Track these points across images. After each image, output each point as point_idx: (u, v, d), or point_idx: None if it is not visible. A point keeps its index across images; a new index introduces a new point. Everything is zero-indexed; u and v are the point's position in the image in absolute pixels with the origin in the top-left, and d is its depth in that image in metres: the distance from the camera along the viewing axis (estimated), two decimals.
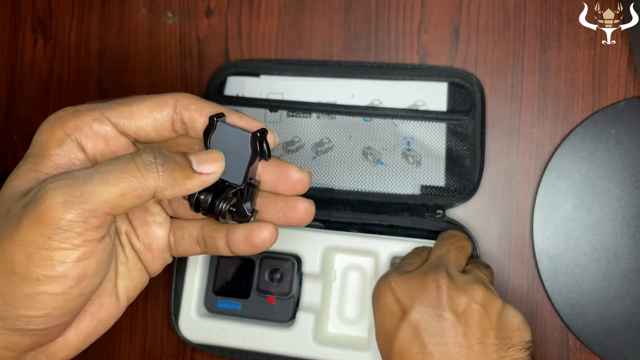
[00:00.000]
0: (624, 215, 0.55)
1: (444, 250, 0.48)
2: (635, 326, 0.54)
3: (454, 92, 0.59)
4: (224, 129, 0.35)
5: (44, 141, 0.34)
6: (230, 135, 0.35)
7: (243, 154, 0.35)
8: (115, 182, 0.30)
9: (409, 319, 0.42)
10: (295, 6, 0.64)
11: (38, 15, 0.69)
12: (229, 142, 0.35)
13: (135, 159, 0.31)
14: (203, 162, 0.33)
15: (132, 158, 0.31)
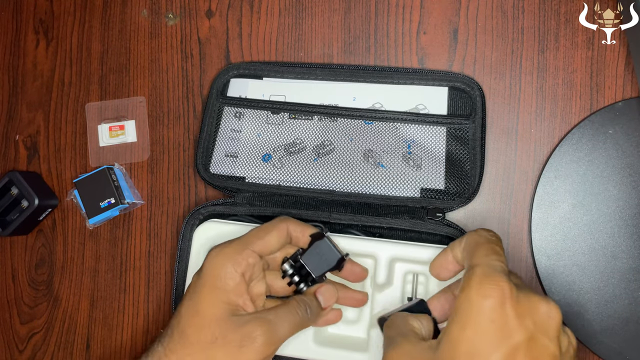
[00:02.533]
0: (622, 214, 0.55)
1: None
2: (633, 325, 0.54)
3: (454, 96, 0.59)
4: (326, 243, 0.52)
5: (221, 275, 0.48)
6: (327, 249, 0.52)
7: (328, 263, 0.52)
8: (289, 326, 0.48)
9: (522, 344, 0.38)
10: (296, 7, 0.64)
11: (40, 16, 0.69)
12: (323, 251, 0.52)
13: (298, 311, 0.49)
14: (327, 301, 0.52)
15: (296, 310, 0.49)
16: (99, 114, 0.67)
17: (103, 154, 0.67)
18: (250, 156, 0.61)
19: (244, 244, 0.50)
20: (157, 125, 0.66)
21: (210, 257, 0.50)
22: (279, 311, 0.49)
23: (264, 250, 0.50)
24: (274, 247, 0.51)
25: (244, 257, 0.49)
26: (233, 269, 0.48)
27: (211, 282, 0.48)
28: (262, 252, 0.50)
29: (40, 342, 0.66)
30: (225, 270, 0.48)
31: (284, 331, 0.48)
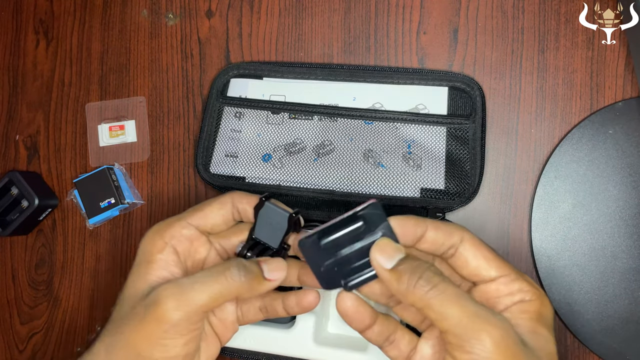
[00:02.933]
0: (622, 215, 0.55)
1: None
2: (633, 325, 0.54)
3: (454, 96, 0.59)
4: (269, 208, 0.46)
5: (149, 250, 0.44)
6: (273, 213, 0.46)
7: (281, 227, 0.45)
8: (210, 290, 0.40)
9: None
10: (296, 7, 0.64)
11: (40, 16, 0.69)
12: (272, 218, 0.46)
13: (225, 272, 0.41)
14: (272, 271, 0.43)
15: (223, 272, 0.41)
16: (99, 114, 0.67)
17: (103, 154, 0.67)
18: (250, 156, 0.61)
19: (179, 217, 0.45)
20: (157, 125, 0.66)
21: (143, 236, 0.46)
22: (198, 274, 0.41)
23: (203, 223, 0.45)
24: (216, 221, 0.46)
25: (176, 229, 0.44)
26: (162, 241, 0.44)
27: (139, 258, 0.44)
28: (200, 224, 0.45)
29: (40, 342, 0.66)
30: (153, 244, 0.44)
31: (200, 295, 0.40)
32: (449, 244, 0.40)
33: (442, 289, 0.36)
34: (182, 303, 0.39)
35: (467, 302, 0.35)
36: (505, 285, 0.39)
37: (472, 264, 0.39)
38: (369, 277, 0.40)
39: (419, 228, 0.40)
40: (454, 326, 0.35)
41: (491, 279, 0.39)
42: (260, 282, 0.42)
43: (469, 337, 0.34)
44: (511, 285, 0.39)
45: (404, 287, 0.37)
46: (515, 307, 0.38)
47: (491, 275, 0.39)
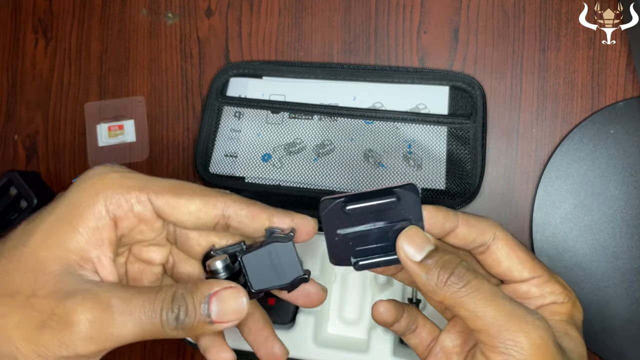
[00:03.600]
0: (623, 215, 0.55)
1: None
2: (634, 325, 0.54)
3: (455, 96, 0.59)
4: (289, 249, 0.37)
5: (81, 212, 0.33)
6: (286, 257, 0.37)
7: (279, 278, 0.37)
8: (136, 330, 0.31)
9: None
10: (295, 7, 0.64)
11: (39, 15, 0.69)
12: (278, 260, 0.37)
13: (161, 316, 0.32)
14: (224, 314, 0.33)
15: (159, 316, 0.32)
16: (98, 113, 0.67)
17: (102, 154, 0.66)
18: (250, 156, 0.61)
19: (144, 182, 0.35)
20: (157, 125, 0.66)
21: (83, 177, 0.35)
22: (133, 298, 0.32)
23: (168, 213, 0.35)
24: (184, 218, 0.35)
25: (129, 198, 0.34)
26: (104, 205, 0.33)
27: (65, 209, 0.33)
28: (163, 212, 0.35)
29: None
30: (90, 202, 0.33)
31: (123, 332, 0.31)
32: (480, 242, 0.37)
33: (476, 286, 0.33)
34: (100, 337, 0.31)
35: (503, 301, 0.33)
36: (537, 287, 0.37)
37: (505, 264, 0.37)
38: (384, 262, 0.37)
39: (448, 222, 0.37)
40: (489, 326, 0.33)
41: (523, 280, 0.37)
42: (204, 329, 0.33)
43: (505, 338, 0.32)
44: (543, 287, 0.37)
45: (433, 283, 0.34)
46: (546, 308, 0.37)
47: (523, 277, 0.37)
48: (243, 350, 0.56)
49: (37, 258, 0.32)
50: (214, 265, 0.36)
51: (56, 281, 0.32)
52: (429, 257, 0.35)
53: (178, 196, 0.35)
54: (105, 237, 0.34)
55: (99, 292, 0.32)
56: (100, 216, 0.33)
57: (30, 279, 0.32)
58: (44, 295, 0.31)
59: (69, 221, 0.33)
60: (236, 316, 0.33)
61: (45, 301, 0.31)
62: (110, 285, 0.33)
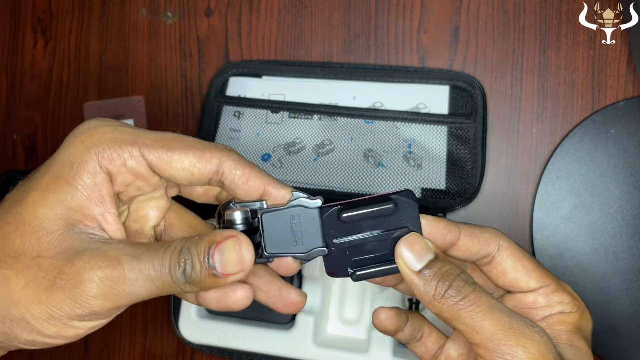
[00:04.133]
0: (624, 215, 0.55)
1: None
2: (635, 326, 0.54)
3: (455, 96, 0.59)
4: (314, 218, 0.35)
5: (76, 169, 0.32)
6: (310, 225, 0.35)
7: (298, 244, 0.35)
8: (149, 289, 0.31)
9: None
10: (295, 6, 0.64)
11: (38, 15, 0.69)
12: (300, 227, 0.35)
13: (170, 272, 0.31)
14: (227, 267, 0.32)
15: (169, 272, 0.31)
16: (98, 113, 0.67)
17: None
18: (249, 156, 0.61)
19: (135, 136, 0.33)
20: (156, 125, 0.66)
21: (74, 132, 0.33)
22: (142, 255, 0.31)
23: (162, 168, 0.33)
24: (178, 174, 0.34)
25: (121, 153, 0.32)
26: (97, 160, 0.32)
27: (59, 167, 0.32)
28: (157, 167, 0.33)
29: None
30: (83, 158, 0.32)
31: (136, 288, 0.30)
32: (484, 253, 0.36)
33: (474, 299, 0.32)
34: (112, 294, 0.30)
35: (501, 314, 0.32)
36: (544, 297, 0.36)
37: (511, 275, 0.36)
38: (383, 271, 0.36)
39: (450, 234, 0.35)
40: (487, 341, 0.32)
41: (530, 290, 0.37)
42: (212, 282, 0.32)
43: (503, 353, 0.31)
44: (551, 297, 0.36)
45: (431, 295, 0.33)
46: (554, 318, 0.36)
47: (531, 287, 0.36)
48: (243, 350, 0.56)
49: (38, 217, 0.31)
50: (231, 216, 0.33)
51: (61, 240, 0.31)
52: (428, 267, 0.34)
53: (171, 150, 0.33)
54: (105, 193, 0.32)
55: (108, 250, 0.31)
56: (95, 172, 0.32)
57: (33, 240, 0.31)
58: (50, 256, 0.30)
59: (66, 179, 0.32)
60: (239, 267, 0.32)
61: (52, 261, 0.30)
62: (119, 242, 0.32)
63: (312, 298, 0.55)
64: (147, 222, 0.36)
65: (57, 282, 0.30)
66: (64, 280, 0.30)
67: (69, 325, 0.31)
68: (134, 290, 0.30)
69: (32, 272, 0.30)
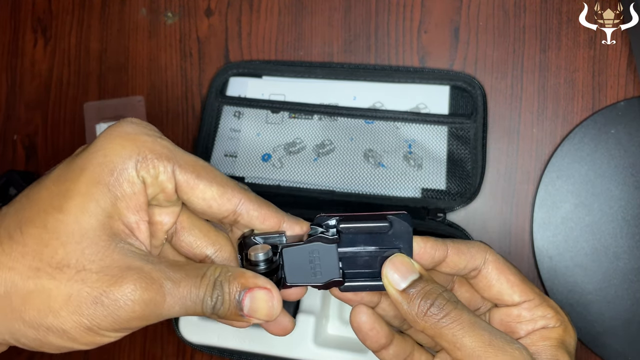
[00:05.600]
0: (624, 215, 0.55)
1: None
2: (635, 326, 0.54)
3: (455, 96, 0.59)
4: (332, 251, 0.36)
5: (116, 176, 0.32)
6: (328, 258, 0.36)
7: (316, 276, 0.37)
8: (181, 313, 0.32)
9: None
10: (295, 6, 0.64)
11: (38, 15, 0.69)
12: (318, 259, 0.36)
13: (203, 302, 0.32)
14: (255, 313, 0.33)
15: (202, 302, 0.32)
16: (98, 113, 0.67)
17: None
18: (249, 156, 0.61)
19: (173, 152, 0.34)
20: (156, 125, 0.64)
21: (110, 134, 0.33)
22: (182, 281, 0.32)
23: (184, 191, 0.34)
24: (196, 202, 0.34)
25: (157, 165, 0.33)
26: (135, 169, 0.32)
27: (98, 171, 0.31)
28: (180, 188, 0.34)
29: None
30: (124, 166, 0.32)
31: (171, 312, 0.32)
32: (471, 267, 0.37)
33: (455, 316, 0.33)
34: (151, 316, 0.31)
35: (481, 331, 0.33)
36: (528, 310, 0.37)
37: (495, 288, 0.37)
38: (370, 286, 0.38)
39: (438, 252, 0.37)
40: (467, 357, 0.33)
41: (514, 304, 0.37)
42: (236, 318, 0.34)
43: None
44: (534, 311, 0.37)
45: (414, 313, 0.34)
46: (537, 333, 0.37)
47: (514, 300, 0.37)
48: (243, 350, 0.56)
49: (81, 226, 0.30)
50: (256, 257, 0.35)
51: (105, 253, 0.31)
52: (412, 287, 0.35)
53: (199, 177, 0.34)
54: (142, 202, 0.33)
55: (151, 271, 0.31)
56: (134, 181, 0.32)
57: (77, 251, 0.30)
58: (95, 270, 0.30)
59: (106, 185, 0.31)
60: (266, 317, 0.34)
61: (98, 277, 0.30)
62: (159, 262, 0.32)
63: (312, 298, 0.55)
64: (161, 227, 0.36)
65: (102, 299, 0.30)
66: (109, 299, 0.30)
67: (103, 335, 0.31)
68: (169, 313, 0.32)
69: (76, 286, 0.30)
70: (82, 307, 0.30)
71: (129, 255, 0.31)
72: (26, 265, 0.30)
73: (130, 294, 0.30)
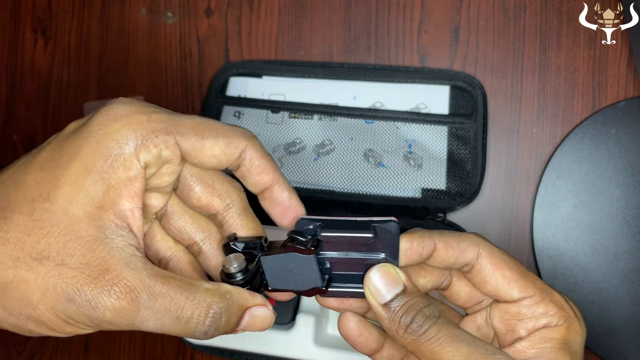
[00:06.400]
0: (624, 215, 0.55)
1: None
2: (635, 326, 0.54)
3: (456, 95, 0.59)
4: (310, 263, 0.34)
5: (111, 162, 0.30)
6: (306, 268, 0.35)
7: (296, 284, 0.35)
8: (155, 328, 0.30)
9: None
10: (295, 6, 0.64)
11: (38, 15, 0.69)
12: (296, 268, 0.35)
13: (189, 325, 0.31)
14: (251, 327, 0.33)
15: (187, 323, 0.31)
16: None
17: None
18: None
19: (170, 123, 0.32)
20: None
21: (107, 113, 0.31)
22: (160, 298, 0.30)
23: (192, 155, 0.33)
24: (206, 160, 0.33)
25: (158, 143, 0.31)
26: (134, 153, 0.30)
27: (91, 158, 0.30)
28: (188, 154, 0.33)
29: (38, 344, 0.66)
30: (120, 151, 0.30)
31: (144, 324, 0.30)
32: (462, 262, 0.36)
33: (433, 332, 0.32)
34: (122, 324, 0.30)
35: (460, 345, 0.31)
36: (527, 308, 0.35)
37: (491, 284, 0.35)
38: (352, 293, 0.36)
39: (425, 248, 0.35)
40: None
41: (513, 300, 0.35)
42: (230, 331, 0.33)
43: None
44: (535, 308, 0.35)
45: (395, 329, 0.33)
46: (538, 333, 0.35)
47: (513, 297, 0.35)
48: (243, 350, 0.56)
49: (68, 217, 0.29)
50: (228, 269, 0.34)
51: (87, 249, 0.29)
52: (395, 300, 0.34)
53: (203, 138, 0.32)
54: (138, 188, 0.31)
55: (130, 278, 0.29)
56: (132, 166, 0.30)
57: (60, 243, 0.29)
58: (73, 266, 0.29)
59: (99, 173, 0.30)
60: (260, 329, 0.34)
61: (74, 273, 0.29)
62: (141, 270, 0.30)
63: (312, 298, 0.55)
64: (151, 209, 0.35)
65: (75, 297, 0.29)
66: (81, 299, 0.29)
67: (80, 327, 0.30)
68: (141, 325, 0.30)
69: (52, 280, 0.29)
70: (56, 304, 0.29)
71: (113, 254, 0.30)
72: (7, 254, 0.29)
73: (102, 299, 0.29)
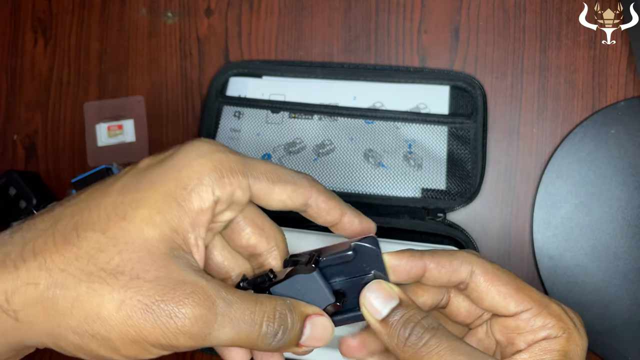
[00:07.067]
0: (624, 215, 0.55)
1: None
2: (635, 325, 0.54)
3: (456, 95, 0.59)
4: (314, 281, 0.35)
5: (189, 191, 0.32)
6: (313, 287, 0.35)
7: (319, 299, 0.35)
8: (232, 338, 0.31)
9: None
10: (295, 6, 0.64)
11: (38, 15, 0.69)
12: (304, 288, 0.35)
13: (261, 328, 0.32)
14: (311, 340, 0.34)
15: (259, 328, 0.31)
16: (98, 113, 0.67)
17: (101, 154, 0.66)
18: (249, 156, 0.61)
19: (245, 166, 0.34)
20: (156, 125, 0.65)
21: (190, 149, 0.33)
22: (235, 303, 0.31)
23: (261, 198, 0.35)
24: (274, 204, 0.35)
25: (233, 182, 0.33)
26: (211, 186, 0.32)
27: (172, 186, 0.32)
28: (257, 197, 0.35)
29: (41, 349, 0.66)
30: (199, 182, 0.32)
31: (221, 334, 0.31)
32: (455, 281, 0.36)
33: (433, 344, 0.32)
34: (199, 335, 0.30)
35: (459, 357, 0.32)
36: (525, 321, 0.35)
37: (487, 300, 0.35)
38: (352, 317, 0.36)
39: (414, 269, 0.35)
40: None
41: (510, 315, 0.35)
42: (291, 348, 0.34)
43: None
44: (532, 322, 0.35)
45: (394, 343, 0.33)
46: (538, 345, 0.34)
47: (510, 311, 0.35)
48: None
49: (143, 236, 0.30)
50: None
51: (161, 264, 0.30)
52: (392, 314, 0.34)
53: (273, 183, 0.35)
54: (205, 219, 0.32)
55: (206, 287, 0.30)
56: (205, 198, 0.32)
57: (134, 259, 0.30)
58: (149, 279, 0.29)
59: (177, 199, 0.31)
60: (320, 344, 0.34)
61: (151, 286, 0.29)
62: (213, 281, 0.31)
63: None
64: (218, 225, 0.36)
65: (153, 308, 0.29)
66: (160, 309, 0.29)
67: (147, 350, 0.30)
68: (218, 335, 0.30)
69: (129, 293, 0.29)
70: (132, 316, 0.29)
71: (185, 269, 0.31)
72: (79, 268, 0.29)
73: (182, 307, 0.29)
